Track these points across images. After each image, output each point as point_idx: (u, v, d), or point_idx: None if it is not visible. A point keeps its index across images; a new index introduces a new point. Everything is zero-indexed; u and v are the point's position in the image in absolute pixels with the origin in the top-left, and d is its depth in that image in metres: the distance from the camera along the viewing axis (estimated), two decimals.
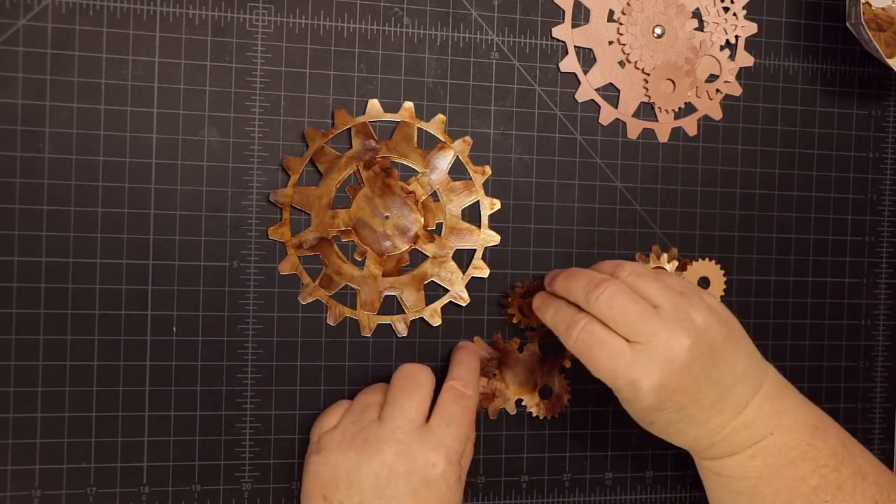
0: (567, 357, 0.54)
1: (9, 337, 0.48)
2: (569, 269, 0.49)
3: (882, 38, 0.53)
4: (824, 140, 0.58)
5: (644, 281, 0.46)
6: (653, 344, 0.44)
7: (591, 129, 0.54)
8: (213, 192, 0.50)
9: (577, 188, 0.54)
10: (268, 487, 0.51)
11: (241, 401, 0.50)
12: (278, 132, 0.50)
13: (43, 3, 0.47)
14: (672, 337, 0.44)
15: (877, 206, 0.58)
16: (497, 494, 0.54)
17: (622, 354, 0.44)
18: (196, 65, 0.49)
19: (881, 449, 0.59)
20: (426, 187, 0.52)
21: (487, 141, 0.53)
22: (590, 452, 0.55)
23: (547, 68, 0.54)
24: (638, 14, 0.54)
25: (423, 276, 0.52)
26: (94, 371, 0.49)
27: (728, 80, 0.56)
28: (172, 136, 0.49)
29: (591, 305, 0.45)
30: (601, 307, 0.45)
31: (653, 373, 0.44)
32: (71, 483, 0.49)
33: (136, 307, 0.49)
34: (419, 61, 0.52)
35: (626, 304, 0.45)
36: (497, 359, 0.53)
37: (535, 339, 0.53)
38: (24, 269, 0.48)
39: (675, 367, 0.44)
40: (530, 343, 0.54)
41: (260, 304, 0.50)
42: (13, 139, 0.47)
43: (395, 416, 0.46)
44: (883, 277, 0.59)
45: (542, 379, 0.54)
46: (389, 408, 0.46)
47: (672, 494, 0.56)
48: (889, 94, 0.58)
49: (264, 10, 0.50)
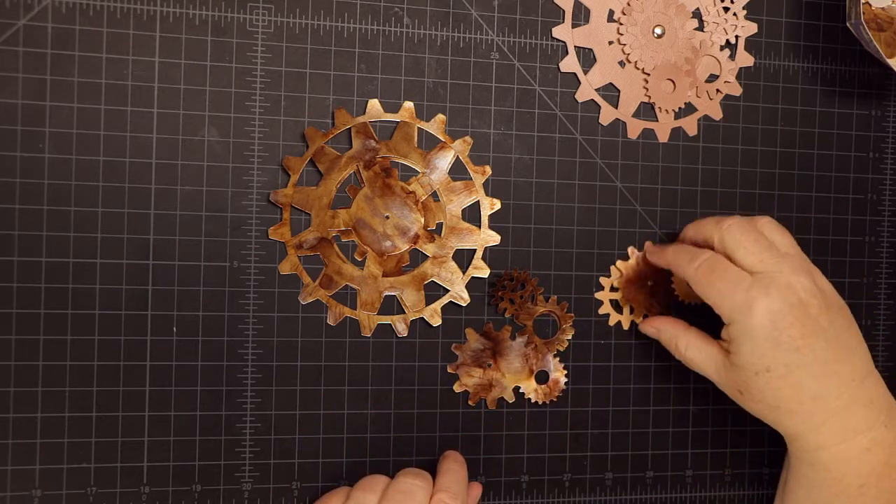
0: (561, 341, 0.54)
1: (9, 337, 0.48)
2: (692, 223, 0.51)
3: (882, 38, 0.53)
4: (824, 140, 0.58)
5: (774, 228, 0.48)
6: (775, 275, 0.45)
7: (591, 129, 0.54)
8: (213, 192, 0.50)
9: (577, 188, 0.54)
10: (268, 487, 0.51)
11: (241, 401, 0.50)
12: (278, 132, 0.50)
13: (43, 3, 0.47)
14: (794, 274, 0.45)
15: (877, 206, 0.58)
16: (497, 494, 0.54)
17: (744, 279, 0.45)
18: (196, 65, 0.49)
19: None
20: (426, 187, 0.52)
21: (487, 141, 0.53)
22: (590, 452, 0.55)
23: (547, 68, 0.54)
24: (638, 14, 0.54)
25: (423, 276, 0.52)
26: (94, 371, 0.49)
27: (728, 80, 0.56)
28: (172, 136, 0.49)
29: (725, 231, 0.47)
30: (734, 232, 0.47)
31: (773, 295, 0.44)
32: (71, 483, 0.49)
33: (136, 307, 0.49)
34: (419, 61, 0.52)
35: (756, 235, 0.47)
36: (490, 349, 0.53)
37: (529, 325, 0.53)
38: (24, 269, 0.48)
39: (795, 299, 0.44)
40: (523, 330, 0.54)
41: (260, 304, 0.50)
42: (13, 139, 0.47)
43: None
44: (883, 277, 0.59)
45: (537, 364, 0.54)
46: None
47: (672, 494, 0.56)
48: (889, 94, 0.58)
49: (264, 10, 0.50)
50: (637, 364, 0.55)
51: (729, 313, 0.45)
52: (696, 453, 0.56)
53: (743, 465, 0.57)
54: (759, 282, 0.45)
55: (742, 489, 0.57)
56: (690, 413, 0.56)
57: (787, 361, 0.45)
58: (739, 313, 0.45)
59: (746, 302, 0.45)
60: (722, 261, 0.47)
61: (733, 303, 0.45)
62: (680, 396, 0.56)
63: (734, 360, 0.46)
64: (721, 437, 0.57)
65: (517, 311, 0.53)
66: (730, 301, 0.45)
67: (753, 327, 0.44)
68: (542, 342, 0.54)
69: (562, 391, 0.54)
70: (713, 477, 0.57)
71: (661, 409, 0.56)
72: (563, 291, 0.54)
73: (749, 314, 0.44)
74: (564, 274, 0.54)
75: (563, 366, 0.54)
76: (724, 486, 0.57)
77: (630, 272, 0.54)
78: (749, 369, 0.46)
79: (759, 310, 0.44)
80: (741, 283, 0.45)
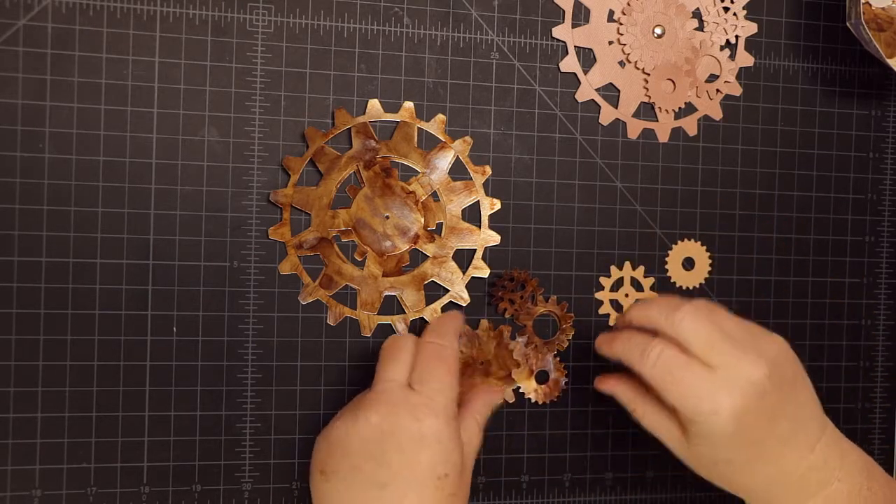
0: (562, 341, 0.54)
1: (9, 337, 0.48)
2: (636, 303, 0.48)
3: (882, 38, 0.53)
4: (824, 140, 0.58)
5: (717, 313, 0.46)
6: (733, 369, 0.44)
7: (591, 129, 0.54)
8: (213, 192, 0.50)
9: (577, 188, 0.54)
10: (268, 487, 0.51)
11: (241, 401, 0.50)
12: (278, 132, 0.50)
13: (43, 3, 0.47)
14: (752, 363, 0.44)
15: (877, 206, 0.58)
16: (497, 494, 0.54)
17: (704, 378, 0.44)
18: (196, 65, 0.49)
19: (881, 449, 0.59)
20: (426, 187, 0.52)
21: (487, 141, 0.53)
22: (590, 452, 0.55)
23: (547, 68, 0.54)
24: (638, 14, 0.54)
25: (423, 276, 0.52)
26: (94, 371, 0.49)
27: (728, 80, 0.56)
28: (172, 136, 0.49)
29: (675, 326, 0.45)
30: (685, 327, 0.45)
31: (736, 396, 0.43)
32: (71, 483, 0.49)
33: (136, 307, 0.49)
34: (419, 61, 0.52)
35: (710, 327, 0.45)
36: (473, 357, 0.53)
37: (529, 326, 0.53)
38: (24, 269, 0.48)
39: (756, 393, 0.43)
40: (523, 330, 0.54)
41: (260, 304, 0.50)
42: (13, 139, 0.47)
43: (378, 380, 0.46)
44: (883, 277, 0.59)
45: (536, 364, 0.54)
46: (375, 376, 0.47)
47: (672, 494, 0.56)
48: (889, 94, 0.58)
49: (264, 10, 0.50)
50: None
51: (692, 416, 0.44)
52: None
53: None
54: (721, 382, 0.44)
55: None
56: None
57: (748, 455, 0.45)
58: (703, 416, 0.44)
59: (710, 407, 0.44)
60: (677, 357, 0.45)
61: (695, 406, 0.44)
62: None
63: (694, 447, 0.46)
64: None
65: (517, 312, 0.53)
66: (693, 405, 0.44)
67: (717, 430, 0.44)
68: (542, 342, 0.54)
69: (562, 391, 0.54)
70: None
71: None
72: (563, 291, 0.54)
73: (713, 417, 0.44)
74: (564, 274, 0.54)
75: (563, 366, 0.54)
76: None
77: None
78: (709, 459, 0.46)
79: (723, 414, 0.43)
80: (703, 387, 0.44)
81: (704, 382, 0.44)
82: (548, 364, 0.54)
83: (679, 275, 0.55)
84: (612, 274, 0.55)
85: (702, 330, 0.44)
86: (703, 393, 0.44)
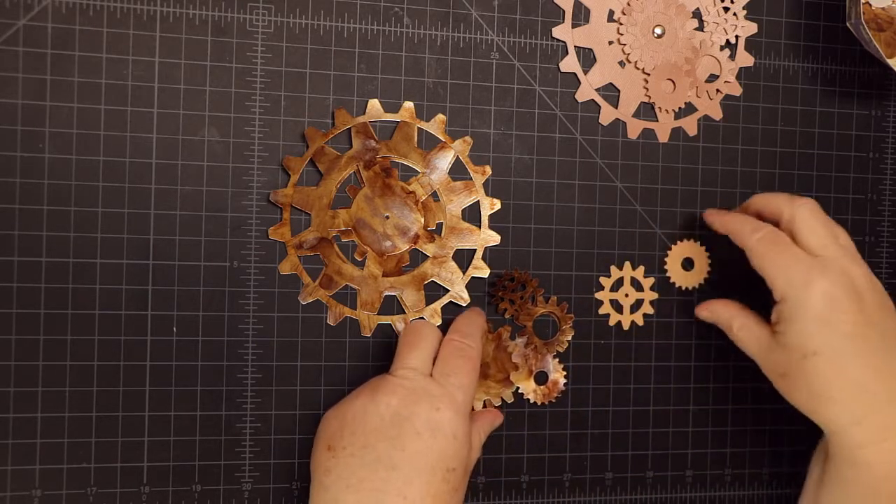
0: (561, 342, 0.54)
1: (9, 337, 0.48)
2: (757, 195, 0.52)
3: (882, 38, 0.53)
4: (824, 140, 0.58)
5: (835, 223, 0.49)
6: (836, 261, 0.46)
7: (591, 129, 0.54)
8: (213, 192, 0.50)
9: (577, 188, 0.54)
10: (268, 487, 0.51)
11: (241, 401, 0.50)
12: (278, 132, 0.50)
13: (43, 3, 0.47)
14: (854, 264, 0.46)
15: (877, 206, 0.58)
16: (497, 494, 0.54)
17: (804, 258, 0.46)
18: (196, 65, 0.49)
19: None
20: (426, 187, 0.52)
21: (487, 141, 0.53)
22: (590, 452, 0.55)
23: (547, 68, 0.54)
24: (638, 14, 0.54)
25: (423, 276, 0.52)
26: (94, 371, 0.49)
27: (728, 80, 0.56)
28: (172, 136, 0.49)
29: (797, 208, 0.47)
30: (806, 212, 0.47)
31: (831, 279, 0.45)
32: (71, 483, 0.49)
33: (136, 307, 0.49)
34: (419, 61, 0.52)
35: (826, 220, 0.47)
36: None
37: (528, 326, 0.53)
38: (24, 269, 0.48)
39: (851, 288, 0.45)
40: (522, 331, 0.54)
41: (260, 304, 0.50)
42: (13, 139, 0.47)
43: (400, 366, 0.47)
44: (883, 277, 0.59)
45: (536, 365, 0.54)
46: (396, 361, 0.47)
47: (672, 494, 0.56)
48: (889, 94, 0.58)
49: (264, 10, 0.50)
50: (637, 364, 0.55)
51: (784, 288, 0.46)
52: (696, 453, 0.56)
53: (743, 465, 0.57)
54: (819, 263, 0.46)
55: (742, 489, 0.57)
56: (690, 413, 0.56)
57: (836, 346, 0.45)
58: (795, 290, 0.45)
59: (804, 280, 0.45)
60: (784, 236, 0.47)
61: (790, 278, 0.45)
62: (680, 396, 0.56)
63: (782, 340, 0.46)
64: (721, 437, 0.57)
65: (517, 312, 0.53)
66: (787, 276, 0.45)
67: (807, 306, 0.45)
68: (541, 343, 0.54)
69: (561, 392, 0.54)
70: (713, 477, 0.57)
71: (661, 409, 0.56)
72: (563, 291, 0.54)
73: (805, 292, 0.45)
74: (564, 274, 0.54)
75: (562, 367, 0.54)
76: (724, 486, 0.57)
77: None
78: (797, 351, 0.46)
79: (815, 289, 0.45)
80: (801, 261, 0.46)
81: (804, 260, 0.46)
82: (547, 364, 0.54)
83: (679, 275, 0.56)
84: (612, 274, 0.55)
85: (819, 220, 0.47)
86: (801, 267, 0.46)
